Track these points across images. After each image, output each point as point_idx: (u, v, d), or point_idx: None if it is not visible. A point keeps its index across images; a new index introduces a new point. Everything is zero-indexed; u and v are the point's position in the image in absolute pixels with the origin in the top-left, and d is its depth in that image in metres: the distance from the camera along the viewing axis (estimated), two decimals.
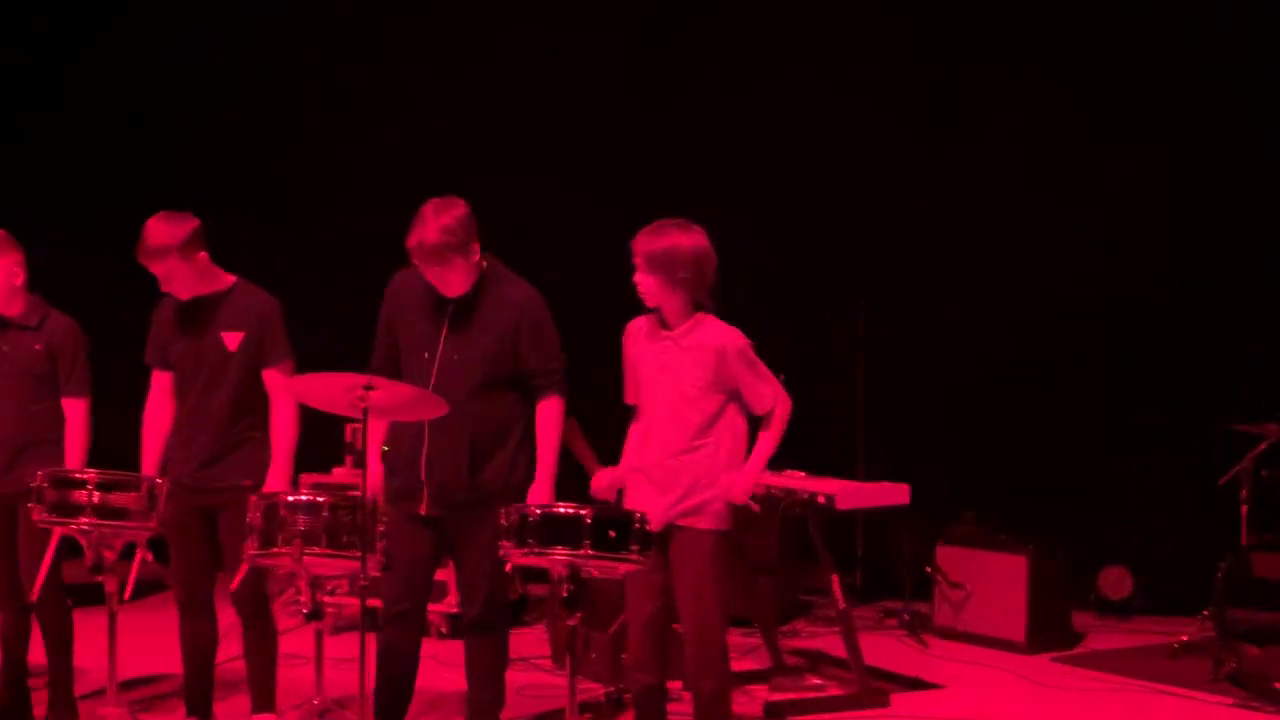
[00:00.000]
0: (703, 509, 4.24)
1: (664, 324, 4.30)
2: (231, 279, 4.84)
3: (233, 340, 4.73)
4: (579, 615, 4.03)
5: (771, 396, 4.27)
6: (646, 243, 4.21)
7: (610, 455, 4.52)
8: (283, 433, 4.73)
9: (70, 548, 4.77)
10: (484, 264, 4.54)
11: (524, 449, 4.54)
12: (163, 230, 4.63)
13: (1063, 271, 7.41)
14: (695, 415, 4.23)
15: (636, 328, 4.38)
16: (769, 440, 4.28)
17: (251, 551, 4.32)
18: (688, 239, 4.21)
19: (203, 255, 4.72)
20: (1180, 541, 7.07)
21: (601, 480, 4.35)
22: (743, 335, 4.30)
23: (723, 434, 4.26)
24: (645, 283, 4.22)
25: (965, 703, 5.75)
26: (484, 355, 4.47)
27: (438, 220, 4.37)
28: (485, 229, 4.52)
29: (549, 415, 4.50)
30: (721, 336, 4.26)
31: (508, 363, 4.50)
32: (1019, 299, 7.48)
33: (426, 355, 4.48)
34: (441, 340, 4.49)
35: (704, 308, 4.28)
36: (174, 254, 4.62)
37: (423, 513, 4.51)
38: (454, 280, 4.46)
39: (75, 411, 4.95)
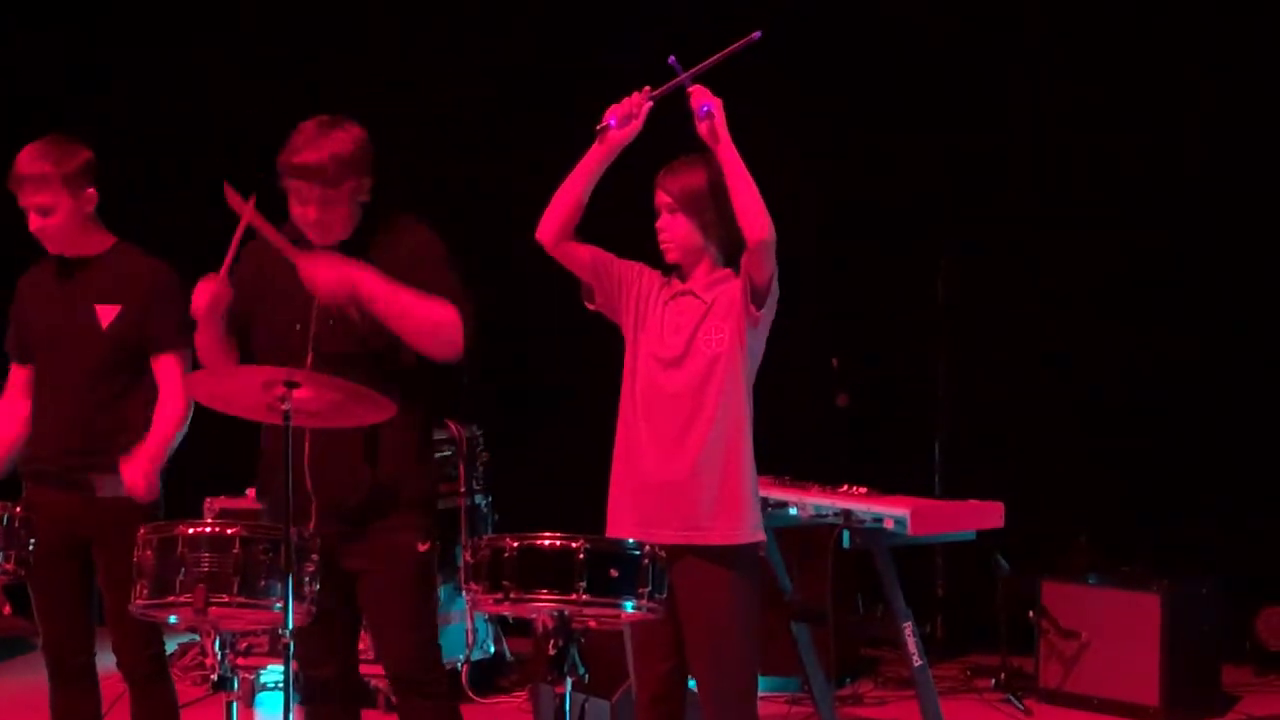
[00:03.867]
0: (714, 520, 4.26)
1: (682, 278, 4.40)
2: (112, 239, 4.87)
3: (106, 315, 4.75)
4: (572, 679, 4.04)
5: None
6: (677, 179, 4.34)
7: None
8: (166, 419, 4.75)
9: None
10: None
11: (429, 444, 4.55)
12: (45, 153, 4.66)
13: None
14: (714, 388, 4.27)
15: (651, 276, 4.46)
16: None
17: (140, 601, 4.30)
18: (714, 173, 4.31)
19: (91, 193, 4.75)
20: None
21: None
22: None
23: (745, 418, 4.30)
24: (674, 227, 4.34)
25: None
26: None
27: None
28: None
29: None
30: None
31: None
32: (1151, 257, 7.47)
33: (298, 327, 4.44)
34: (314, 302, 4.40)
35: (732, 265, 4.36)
36: (58, 183, 4.65)
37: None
38: (330, 219, 4.39)
39: None
